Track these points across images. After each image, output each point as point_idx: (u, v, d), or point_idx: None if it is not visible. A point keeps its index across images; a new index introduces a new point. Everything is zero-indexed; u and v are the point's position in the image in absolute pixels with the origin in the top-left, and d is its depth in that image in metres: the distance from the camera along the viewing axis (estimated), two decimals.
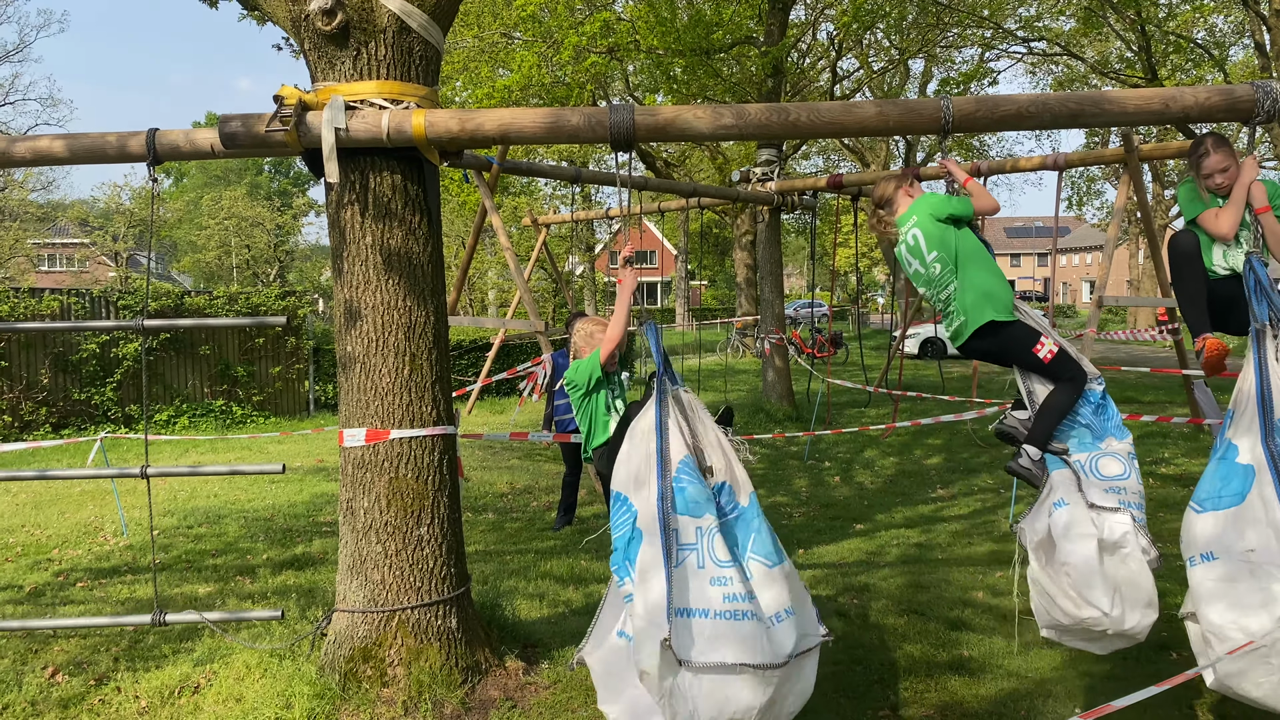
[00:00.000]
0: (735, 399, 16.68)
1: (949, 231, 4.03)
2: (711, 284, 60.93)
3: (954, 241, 4.03)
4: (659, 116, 4.06)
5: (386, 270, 4.40)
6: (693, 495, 3.42)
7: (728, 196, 13.23)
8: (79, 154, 4.47)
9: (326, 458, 12.03)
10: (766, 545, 3.48)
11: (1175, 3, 20.41)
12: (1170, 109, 3.97)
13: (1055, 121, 4.13)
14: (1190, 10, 20.62)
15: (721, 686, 3.21)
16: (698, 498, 3.42)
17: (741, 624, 3.26)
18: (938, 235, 4.04)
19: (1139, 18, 18.76)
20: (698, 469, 3.50)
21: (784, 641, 3.31)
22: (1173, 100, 3.95)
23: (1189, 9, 20.52)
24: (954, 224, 4.05)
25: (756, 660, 3.22)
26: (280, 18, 4.58)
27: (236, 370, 15.67)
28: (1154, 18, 19.63)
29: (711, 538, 3.39)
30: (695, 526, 3.40)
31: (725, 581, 3.32)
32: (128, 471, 4.39)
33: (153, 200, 4.73)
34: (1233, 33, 23.20)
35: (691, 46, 14.79)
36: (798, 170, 33.14)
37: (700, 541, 3.39)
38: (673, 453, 3.50)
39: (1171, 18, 20.71)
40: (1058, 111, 4.08)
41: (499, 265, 37.96)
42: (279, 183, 64.33)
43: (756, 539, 3.48)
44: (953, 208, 4.05)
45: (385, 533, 4.44)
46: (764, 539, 3.49)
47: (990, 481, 9.82)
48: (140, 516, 8.66)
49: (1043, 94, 4.16)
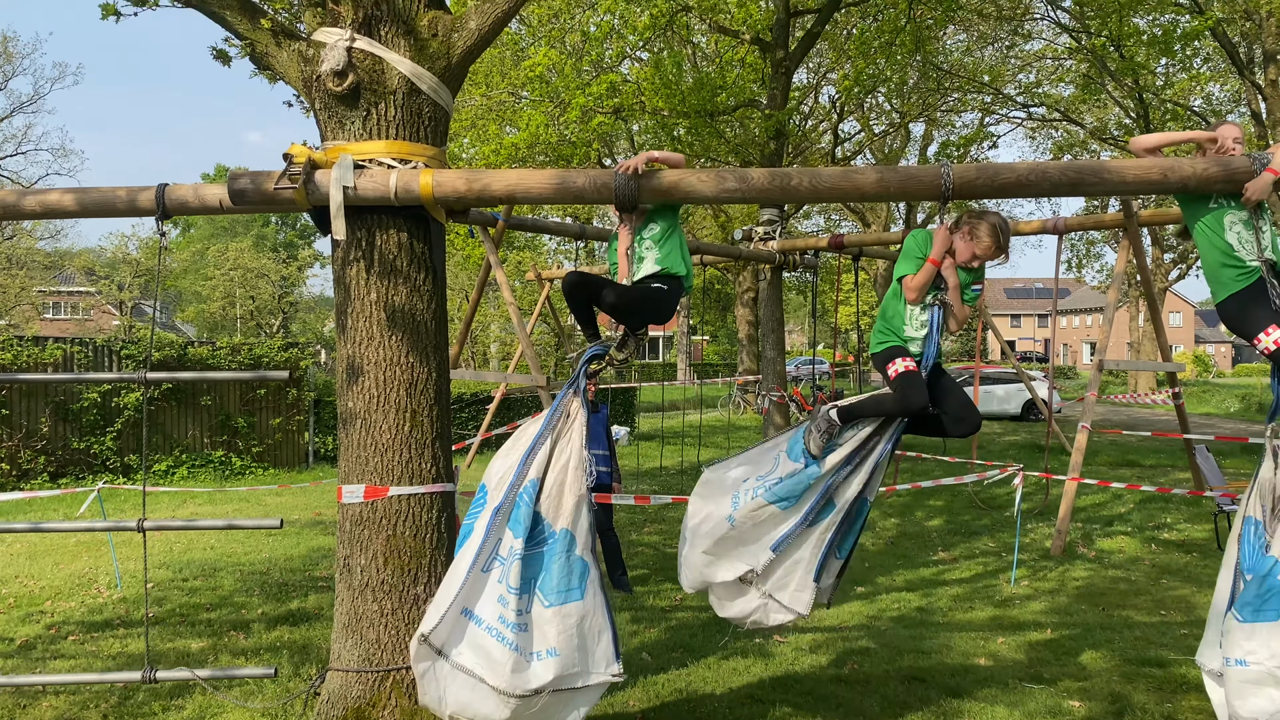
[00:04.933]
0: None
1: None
2: (713, 339, 61.08)
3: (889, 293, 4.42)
4: (663, 180, 4.10)
5: (390, 327, 4.42)
6: (523, 516, 3.79)
7: (730, 254, 13.33)
8: (88, 208, 4.52)
9: (325, 511, 11.97)
10: (551, 584, 3.78)
11: (1172, 71, 20.76)
12: (1169, 179, 4.02)
13: (1055, 190, 4.19)
14: (1187, 79, 20.95)
15: (468, 689, 3.70)
16: (525, 520, 3.79)
17: (498, 645, 3.67)
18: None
19: (1137, 86, 19.06)
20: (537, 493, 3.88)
21: (533, 677, 3.66)
22: (1171, 171, 4.00)
23: (1186, 78, 20.86)
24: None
25: (496, 683, 3.63)
26: (292, 78, 4.65)
27: (237, 421, 15.65)
28: (1151, 85, 19.95)
29: (513, 562, 3.74)
30: (510, 545, 3.79)
31: (505, 603, 3.72)
32: (124, 525, 4.37)
33: (159, 254, 4.77)
34: (1229, 100, 23.53)
35: (696, 109, 15.00)
36: (799, 229, 33.40)
37: (507, 561, 3.77)
38: (531, 471, 3.88)
39: (1169, 86, 21.05)
40: (1057, 180, 4.13)
41: (502, 319, 38.06)
42: (285, 234, 64.93)
43: (545, 577, 3.80)
44: (900, 265, 4.32)
45: (381, 591, 4.40)
46: (552, 577, 3.79)
47: (992, 545, 9.75)
48: (135, 569, 8.58)
49: (1042, 163, 4.21)
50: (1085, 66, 20.17)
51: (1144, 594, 7.68)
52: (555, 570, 3.79)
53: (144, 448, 5.57)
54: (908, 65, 19.33)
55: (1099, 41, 17.20)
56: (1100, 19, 16.87)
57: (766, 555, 4.31)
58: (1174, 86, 21.15)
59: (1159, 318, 11.17)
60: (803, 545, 4.32)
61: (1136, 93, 19.60)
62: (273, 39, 4.62)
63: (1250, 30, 17.78)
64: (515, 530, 3.78)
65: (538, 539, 3.82)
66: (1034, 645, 6.38)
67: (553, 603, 3.75)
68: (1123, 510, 11.65)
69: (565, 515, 3.87)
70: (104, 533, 9.34)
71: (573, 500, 3.89)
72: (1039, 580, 8.25)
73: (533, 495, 3.83)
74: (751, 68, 16.80)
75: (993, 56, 23.60)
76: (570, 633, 3.74)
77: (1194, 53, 19.08)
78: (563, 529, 3.85)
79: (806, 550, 4.33)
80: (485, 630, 3.71)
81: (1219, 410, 29.58)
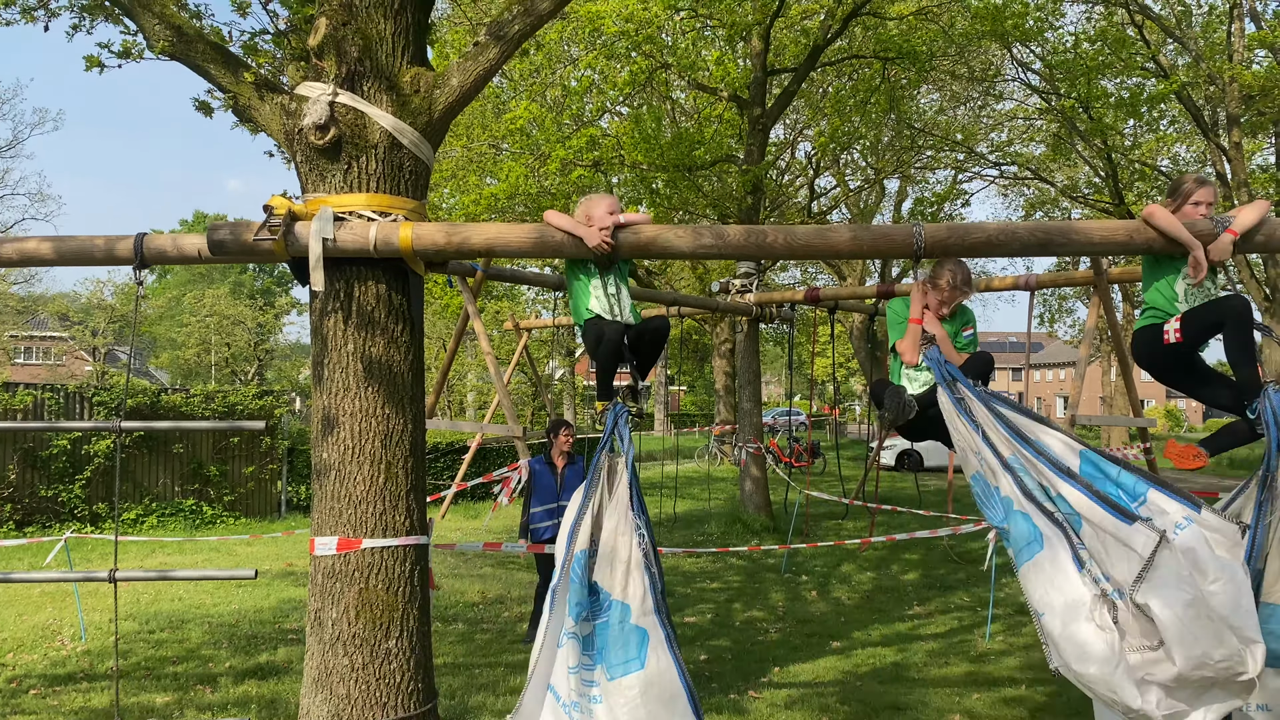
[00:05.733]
0: (713, 508, 16.58)
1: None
2: (690, 390, 61.14)
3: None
4: (641, 235, 4.16)
5: (367, 378, 4.42)
6: (577, 592, 3.77)
7: (708, 307, 13.42)
8: (66, 256, 4.52)
9: (296, 561, 11.82)
10: (610, 657, 3.74)
11: (1139, 132, 21.27)
12: (1135, 240, 4.12)
13: (1024, 250, 4.27)
14: (1154, 140, 21.47)
15: None
16: (580, 594, 3.77)
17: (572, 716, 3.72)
18: None
19: (1105, 146, 19.50)
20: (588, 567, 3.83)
21: None
22: (1137, 232, 4.09)
23: (1153, 138, 21.38)
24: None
25: None
26: (274, 130, 4.70)
27: (209, 470, 15.48)
28: (1119, 146, 20.42)
29: (570, 640, 3.74)
30: (567, 626, 3.78)
31: (573, 675, 3.73)
32: (95, 575, 4.30)
33: (136, 302, 4.76)
34: (1195, 161, 24.08)
35: (674, 163, 15.20)
36: (776, 281, 33.69)
37: (565, 639, 3.76)
38: (580, 541, 3.84)
39: (1136, 146, 21.55)
40: (1026, 240, 4.22)
41: (479, 367, 38.03)
42: (262, 281, 64.68)
43: (606, 650, 3.76)
44: (892, 334, 4.55)
45: (353, 645, 4.35)
46: (610, 650, 3.75)
47: (967, 600, 9.75)
48: (100, 620, 8.43)
49: (1011, 223, 4.31)
50: (1055, 126, 20.63)
51: None
52: (612, 642, 3.75)
53: (117, 496, 5.47)
54: (882, 123, 19.73)
55: (1069, 103, 17.62)
56: (1069, 81, 17.31)
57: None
58: (1141, 147, 21.67)
59: (1130, 373, 11.30)
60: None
61: (1105, 153, 20.04)
62: (255, 92, 4.67)
63: (1214, 94, 18.28)
64: (572, 612, 3.76)
65: (597, 609, 3.80)
66: (1009, 701, 6.36)
67: (614, 675, 3.71)
68: None
69: (618, 585, 3.80)
70: (71, 583, 9.17)
71: (623, 567, 3.82)
72: (1014, 635, 8.25)
73: (584, 565, 3.80)
74: (729, 123, 17.09)
75: (965, 116, 24.10)
76: (634, 704, 3.67)
77: (1160, 115, 19.59)
78: (616, 601, 3.79)
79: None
80: (562, 706, 3.75)
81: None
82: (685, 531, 14.49)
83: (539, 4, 4.58)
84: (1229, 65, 17.37)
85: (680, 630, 8.41)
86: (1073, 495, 3.57)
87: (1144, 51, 18.39)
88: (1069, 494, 3.58)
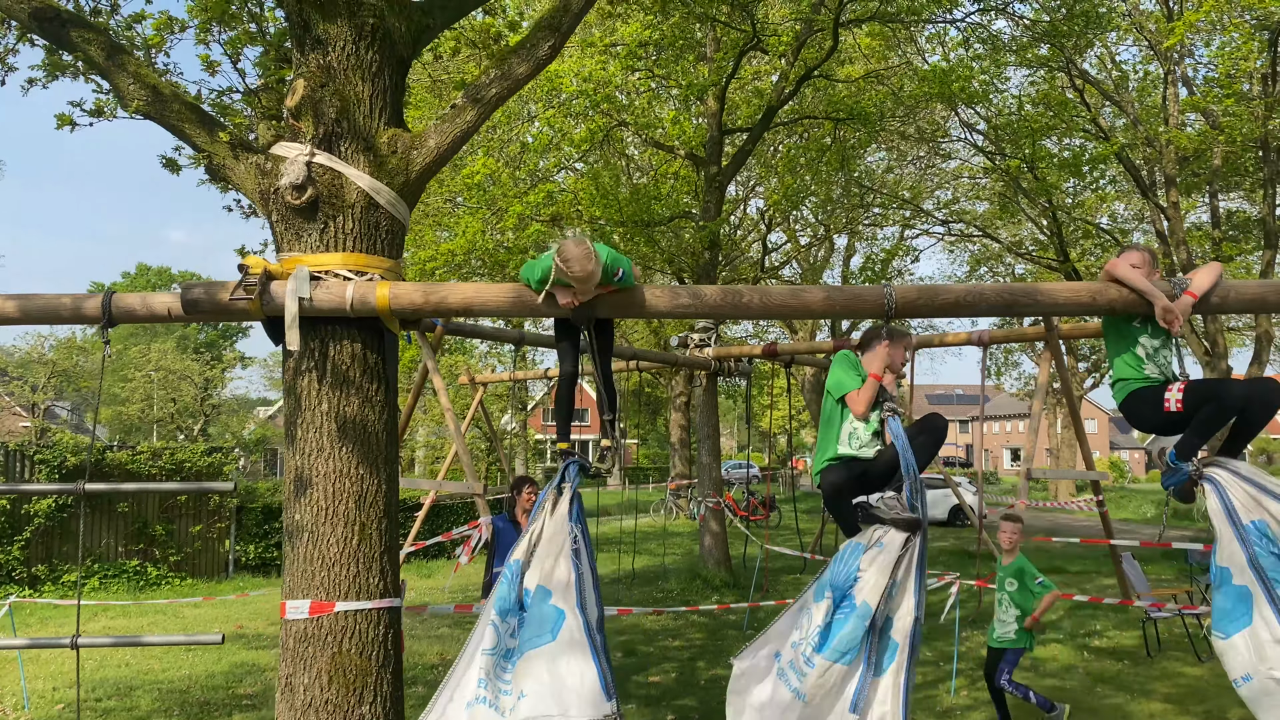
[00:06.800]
0: (671, 564, 16.49)
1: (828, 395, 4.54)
2: (643, 443, 61.03)
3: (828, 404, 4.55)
4: (621, 295, 4.20)
5: (341, 438, 4.38)
6: (506, 593, 4.01)
7: (667, 361, 13.51)
8: (32, 314, 4.44)
9: (247, 623, 11.51)
10: (527, 635, 3.94)
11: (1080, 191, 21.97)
12: (1097, 302, 4.26)
13: (991, 310, 4.41)
14: (1095, 196, 22.18)
15: None
16: (509, 597, 4.01)
17: (484, 709, 3.87)
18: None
19: (1050, 205, 20.10)
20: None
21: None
22: (1099, 294, 4.24)
23: (1093, 195, 22.08)
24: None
25: None
26: (248, 189, 4.68)
27: (155, 528, 15.08)
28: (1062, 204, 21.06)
29: (487, 628, 3.99)
30: (492, 621, 4.01)
31: (486, 675, 3.94)
32: (58, 642, 4.17)
33: (103, 361, 4.68)
34: (1134, 219, 24.87)
35: (632, 218, 15.35)
36: (729, 334, 33.97)
37: (487, 632, 3.99)
38: (516, 554, 4.12)
39: (1079, 205, 22.25)
40: (993, 301, 4.35)
41: (432, 422, 37.64)
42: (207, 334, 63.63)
43: (524, 630, 3.97)
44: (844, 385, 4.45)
45: (325, 711, 4.24)
46: (528, 629, 3.95)
47: (930, 654, 9.77)
48: (43, 688, 8.13)
49: (979, 284, 4.45)
50: (1001, 185, 21.22)
51: (1080, 704, 7.75)
52: (530, 622, 3.95)
53: (80, 560, 5.28)
54: (832, 181, 20.14)
55: (1014, 163, 18.16)
56: (1013, 142, 17.86)
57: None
58: (1084, 205, 22.36)
59: (1080, 426, 11.54)
60: (881, 697, 4.07)
61: (1050, 211, 20.65)
62: (230, 152, 4.66)
63: (1152, 155, 18.97)
64: (497, 605, 4.01)
65: (524, 604, 4.02)
66: None
67: (525, 650, 3.91)
68: (1054, 617, 11.81)
69: (543, 574, 4.02)
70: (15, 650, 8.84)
71: (552, 558, 4.04)
72: (978, 690, 8.27)
73: (518, 571, 4.06)
74: (685, 180, 17.33)
75: (913, 174, 24.71)
76: (539, 675, 3.82)
77: (1101, 174, 20.25)
78: (538, 585, 4.01)
79: (888, 702, 4.05)
80: (478, 684, 3.92)
81: (1136, 516, 30.34)
82: (644, 588, 14.38)
83: (516, 69, 4.65)
84: (1165, 128, 18.06)
85: (645, 690, 8.32)
86: None
87: (1084, 114, 19.05)
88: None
